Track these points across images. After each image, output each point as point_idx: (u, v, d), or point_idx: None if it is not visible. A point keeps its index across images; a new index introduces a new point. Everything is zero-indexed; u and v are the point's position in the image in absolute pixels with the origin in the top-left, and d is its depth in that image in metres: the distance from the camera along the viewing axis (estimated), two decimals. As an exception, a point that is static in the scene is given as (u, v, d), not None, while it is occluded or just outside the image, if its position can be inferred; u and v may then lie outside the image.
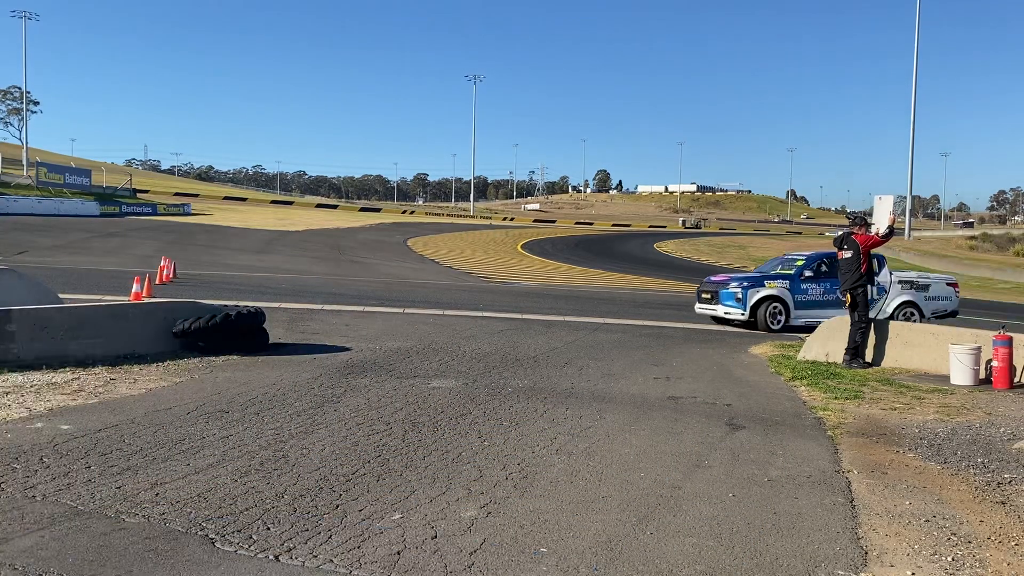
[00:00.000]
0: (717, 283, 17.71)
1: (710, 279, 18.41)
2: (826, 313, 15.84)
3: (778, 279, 16.84)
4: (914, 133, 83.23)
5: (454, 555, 4.54)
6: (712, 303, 17.31)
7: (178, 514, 5.04)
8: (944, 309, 17.69)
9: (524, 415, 8.05)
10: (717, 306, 17.11)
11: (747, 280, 17.09)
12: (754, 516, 5.32)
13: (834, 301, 15.88)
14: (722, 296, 16.99)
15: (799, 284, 16.78)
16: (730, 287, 16.99)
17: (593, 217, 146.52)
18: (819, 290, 16.90)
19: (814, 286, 16.89)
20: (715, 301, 17.18)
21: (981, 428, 7.99)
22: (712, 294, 17.37)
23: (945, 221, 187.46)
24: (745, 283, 16.88)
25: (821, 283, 16.89)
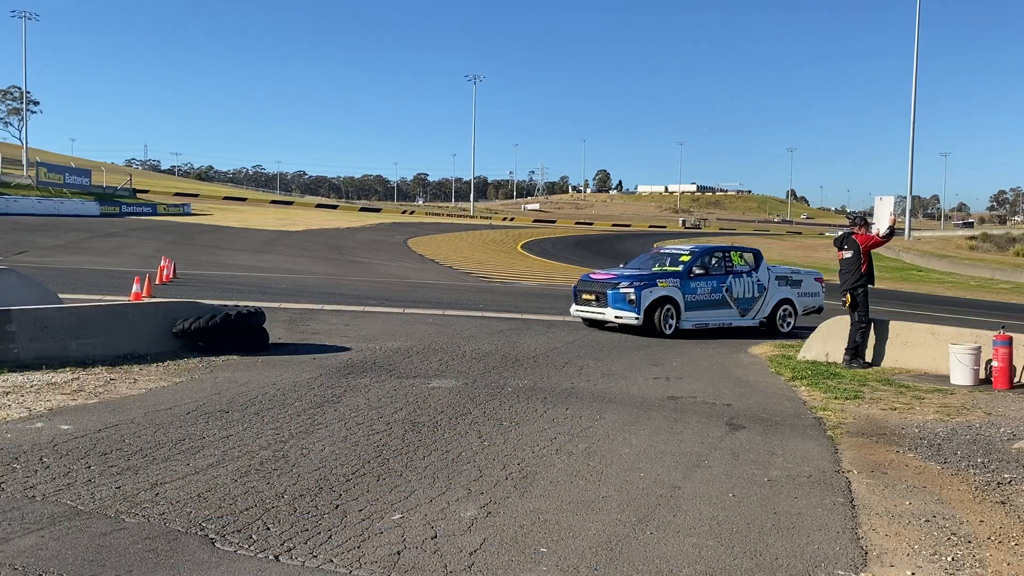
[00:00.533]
0: (602, 282, 15.38)
1: (590, 277, 16.07)
2: (715, 315, 15.39)
3: (668, 277, 15.14)
4: (914, 133, 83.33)
5: (454, 555, 4.54)
6: (597, 306, 15.11)
7: (178, 514, 5.04)
8: (813, 306, 16.91)
9: (524, 415, 8.05)
10: (604, 309, 14.96)
11: (638, 279, 15.03)
12: (754, 516, 5.32)
13: (720, 301, 15.39)
14: (611, 298, 14.84)
15: (689, 283, 15.18)
16: (621, 288, 14.82)
17: (593, 217, 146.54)
18: (707, 289, 15.39)
19: (702, 284, 15.35)
20: (602, 304, 15.02)
21: (981, 428, 7.99)
22: (597, 296, 15.15)
23: (945, 221, 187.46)
24: (637, 282, 14.85)
25: (708, 281, 15.43)
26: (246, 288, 20.37)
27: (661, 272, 15.50)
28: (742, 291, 15.78)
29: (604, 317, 15.04)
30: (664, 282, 14.95)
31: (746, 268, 16.03)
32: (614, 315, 14.82)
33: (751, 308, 15.94)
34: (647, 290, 14.76)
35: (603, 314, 15.02)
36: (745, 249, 16.78)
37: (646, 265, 16.36)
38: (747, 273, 15.95)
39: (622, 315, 14.72)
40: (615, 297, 14.82)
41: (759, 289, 15.88)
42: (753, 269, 16.10)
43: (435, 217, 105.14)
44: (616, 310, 14.77)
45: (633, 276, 15.25)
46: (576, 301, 15.71)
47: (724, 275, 15.64)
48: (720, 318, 15.58)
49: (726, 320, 15.64)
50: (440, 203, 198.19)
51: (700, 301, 15.29)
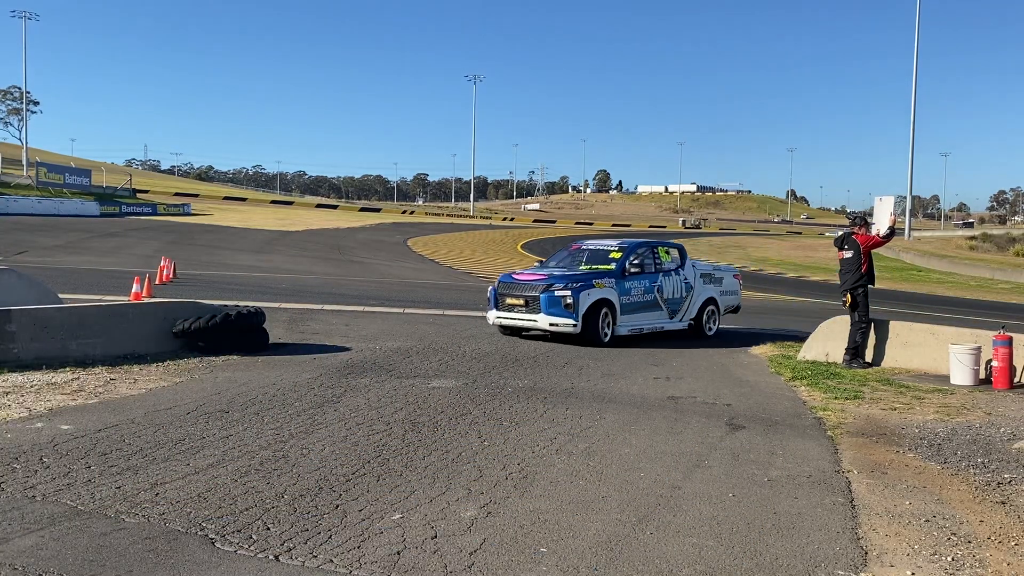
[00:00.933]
0: (532, 285, 13.39)
1: (514, 278, 13.92)
2: (647, 318, 14.08)
3: (603, 277, 13.50)
4: (914, 133, 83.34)
5: (454, 555, 4.54)
6: (527, 312, 13.18)
7: (178, 514, 5.04)
8: (732, 305, 15.99)
9: (524, 415, 8.05)
10: (536, 316, 13.04)
11: (574, 280, 13.24)
12: (754, 516, 5.32)
13: (652, 303, 14.09)
14: (544, 303, 12.96)
15: (623, 283, 13.65)
16: (555, 290, 12.98)
17: (593, 217, 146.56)
18: (640, 289, 13.95)
19: (636, 285, 13.85)
20: (532, 309, 13.09)
21: (981, 428, 7.99)
22: (527, 300, 13.20)
23: (945, 221, 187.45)
24: (573, 284, 13.08)
25: (641, 281, 13.95)
26: (246, 288, 20.37)
27: (594, 272, 13.75)
28: (671, 291, 14.52)
29: (536, 325, 13.16)
30: (600, 283, 13.30)
31: (673, 265, 14.81)
32: (548, 323, 12.98)
33: (680, 309, 14.74)
34: (585, 292, 13.02)
35: (535, 321, 13.12)
36: (670, 244, 15.47)
37: (570, 263, 14.56)
38: (675, 271, 14.72)
39: (558, 322, 12.92)
40: (549, 301, 12.97)
41: (686, 288, 14.73)
42: (680, 266, 14.88)
43: (435, 217, 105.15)
44: (551, 317, 12.93)
45: (567, 277, 13.43)
46: (497, 307, 13.63)
47: (655, 273, 14.32)
48: (653, 321, 14.30)
49: (658, 323, 14.38)
50: (440, 203, 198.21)
51: (634, 303, 13.87)
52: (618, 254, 14.15)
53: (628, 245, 14.50)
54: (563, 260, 14.93)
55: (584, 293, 12.98)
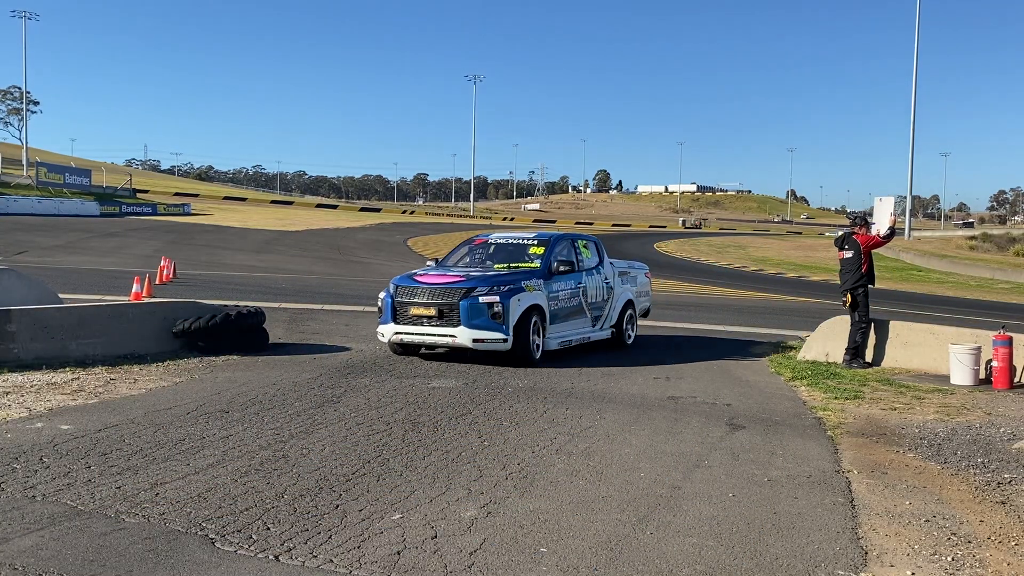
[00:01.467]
0: (445, 289, 10.75)
1: (416, 280, 11.11)
2: (574, 326, 12.01)
3: (531, 278, 11.13)
4: (914, 133, 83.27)
5: (454, 555, 4.54)
6: (441, 324, 10.59)
7: (178, 514, 5.04)
8: (645, 308, 14.39)
9: (524, 415, 8.05)
10: (455, 330, 10.49)
11: (498, 282, 10.81)
12: (754, 516, 5.32)
13: (578, 308, 12.03)
14: (466, 312, 10.43)
15: (551, 284, 11.44)
16: (479, 295, 10.52)
17: (593, 217, 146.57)
18: (567, 292, 11.75)
19: (563, 286, 11.68)
20: (449, 320, 10.53)
21: (981, 428, 7.99)
22: (441, 310, 10.57)
23: (945, 221, 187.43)
24: (500, 287, 10.68)
25: (567, 281, 11.77)
26: (246, 288, 20.37)
27: (516, 272, 11.43)
28: (594, 293, 12.49)
29: (453, 342, 10.61)
30: (530, 285, 10.98)
31: (593, 262, 12.79)
32: (472, 338, 10.45)
33: (602, 314, 12.77)
34: (515, 298, 10.60)
35: (452, 337, 10.55)
36: (587, 238, 13.38)
37: (478, 262, 12.15)
38: (595, 269, 12.72)
39: (484, 336, 10.44)
40: (471, 310, 10.44)
41: (608, 290, 12.82)
42: (599, 264, 12.93)
43: (435, 217, 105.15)
44: (475, 330, 10.43)
45: (490, 278, 10.92)
46: (395, 318, 10.87)
47: (578, 273, 12.17)
48: (580, 330, 12.20)
49: (584, 333, 12.30)
50: (440, 203, 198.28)
51: (563, 309, 11.69)
52: (540, 249, 11.85)
53: (549, 238, 12.32)
54: (467, 258, 12.48)
55: (514, 299, 10.58)
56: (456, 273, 11.30)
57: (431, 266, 12.26)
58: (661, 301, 23.44)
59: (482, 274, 11.21)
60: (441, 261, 12.56)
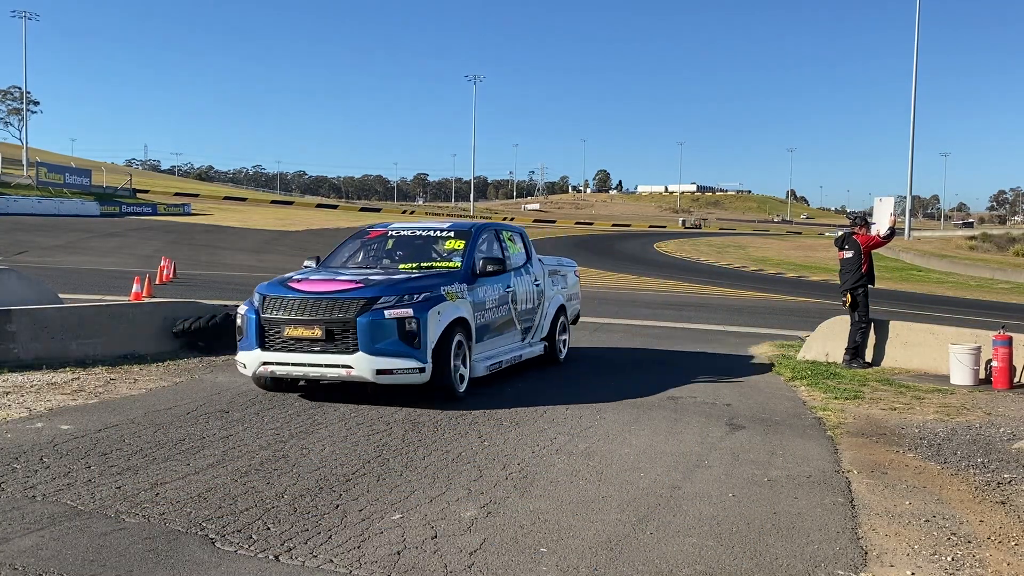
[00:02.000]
0: (333, 299, 8.00)
1: (293, 287, 8.30)
2: (504, 343, 9.70)
3: (451, 282, 8.59)
4: (914, 133, 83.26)
5: (454, 555, 4.54)
6: (329, 351, 7.89)
7: (178, 514, 5.05)
8: (576, 312, 12.30)
9: (524, 415, 8.05)
10: (350, 358, 7.80)
11: (409, 288, 8.19)
12: (754, 516, 5.32)
13: (507, 319, 9.67)
14: (365, 332, 7.77)
15: (476, 290, 8.97)
16: (385, 308, 7.89)
17: (593, 217, 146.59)
18: (495, 298, 9.36)
19: (490, 292, 9.27)
20: (340, 346, 7.86)
21: (981, 428, 7.99)
22: (329, 329, 7.86)
23: (945, 221, 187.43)
24: (413, 296, 8.07)
25: (494, 285, 9.37)
26: (246, 288, 20.34)
27: (430, 274, 8.77)
28: (525, 298, 10.16)
29: (349, 374, 7.84)
30: (451, 292, 8.45)
31: (521, 260, 10.44)
32: (375, 368, 7.76)
33: (533, 324, 10.46)
34: (434, 310, 8.04)
35: (348, 368, 7.79)
36: (512, 228, 11.02)
37: (375, 261, 9.57)
38: (524, 268, 10.37)
39: (393, 365, 7.78)
40: (376, 330, 7.75)
41: (538, 294, 10.56)
42: (528, 261, 10.60)
43: (435, 217, 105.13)
44: (380, 358, 7.76)
45: (396, 284, 8.24)
46: (262, 342, 8.04)
47: (507, 273, 9.72)
48: (510, 347, 9.90)
49: (515, 351, 9.96)
50: (440, 203, 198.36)
51: (492, 321, 9.31)
52: (458, 243, 9.41)
53: (470, 229, 9.74)
54: (360, 256, 9.71)
55: (433, 312, 8.01)
56: (349, 277, 8.50)
57: (311, 267, 9.43)
58: (659, 301, 23.45)
59: (387, 278, 8.44)
60: (324, 261, 9.65)
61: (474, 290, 8.94)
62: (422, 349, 7.94)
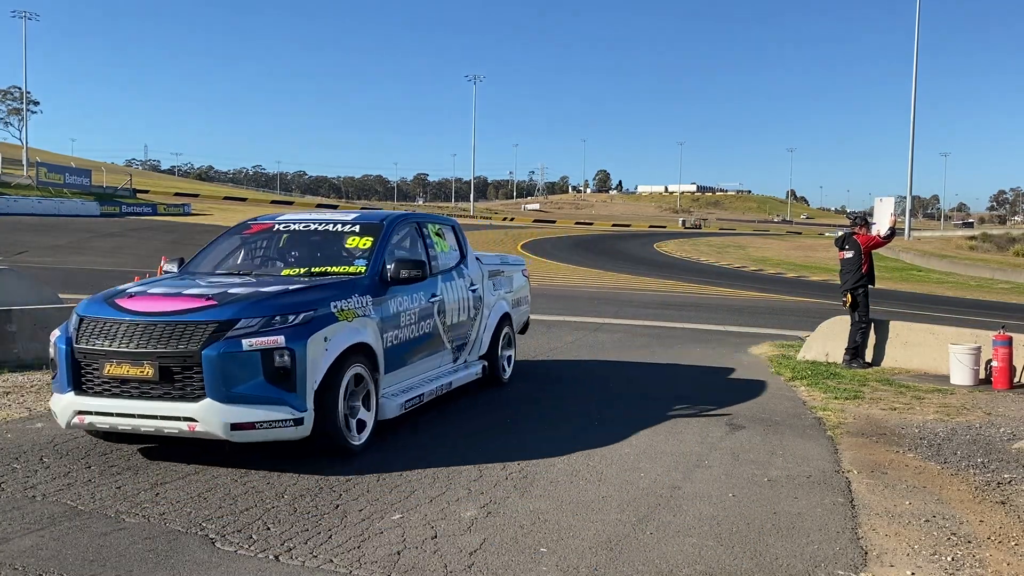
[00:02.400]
0: (170, 323, 5.77)
1: (122, 307, 5.99)
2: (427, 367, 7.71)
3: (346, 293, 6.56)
4: (914, 133, 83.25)
5: (454, 555, 4.54)
6: (161, 396, 5.73)
7: (178, 514, 5.05)
8: (524, 320, 10.59)
9: (524, 414, 8.04)
10: (194, 407, 5.66)
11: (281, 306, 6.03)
12: (754, 516, 5.32)
13: (431, 337, 7.65)
14: (213, 367, 5.62)
15: (387, 301, 6.99)
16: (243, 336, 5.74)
17: (593, 217, 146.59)
18: (412, 313, 7.34)
19: (408, 303, 7.29)
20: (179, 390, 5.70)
21: (981, 428, 8.00)
22: (163, 367, 5.69)
23: (945, 221, 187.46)
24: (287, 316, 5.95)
25: (413, 296, 7.36)
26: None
27: (319, 283, 6.65)
28: (456, 309, 8.21)
29: (193, 429, 5.73)
30: (345, 308, 6.40)
31: (453, 259, 8.55)
32: (228, 421, 5.69)
33: (468, 341, 8.59)
34: (316, 337, 5.97)
35: (190, 421, 5.71)
36: (442, 220, 8.93)
37: (250, 263, 7.53)
38: (456, 270, 8.47)
39: (255, 417, 5.72)
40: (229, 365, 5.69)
41: (475, 301, 8.65)
42: (462, 261, 8.69)
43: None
44: (234, 406, 5.70)
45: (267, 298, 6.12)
46: (75, 384, 5.93)
47: (432, 278, 7.75)
48: (436, 375, 7.94)
49: (443, 377, 7.99)
50: (440, 203, 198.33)
51: (408, 344, 7.27)
52: (365, 240, 7.26)
53: (381, 221, 7.57)
54: (237, 257, 7.58)
55: (316, 338, 5.93)
56: (201, 291, 6.22)
57: (171, 273, 7.38)
58: (659, 301, 23.46)
59: (253, 291, 6.18)
60: (187, 264, 7.52)
61: (384, 303, 6.80)
62: (299, 392, 5.68)
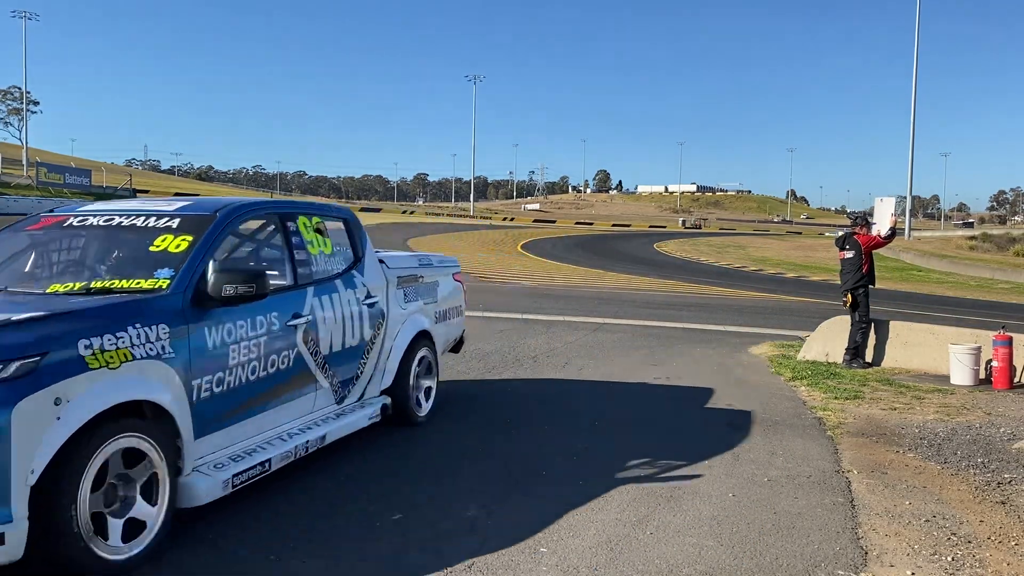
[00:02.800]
0: None
1: None
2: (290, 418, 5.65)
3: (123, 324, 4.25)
4: (914, 133, 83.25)
5: (454, 555, 4.54)
6: None
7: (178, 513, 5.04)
8: (455, 336, 8.54)
9: (524, 414, 8.04)
10: None
11: None
12: (754, 516, 5.32)
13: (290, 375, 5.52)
14: None
15: (207, 328, 4.80)
16: None
17: (593, 217, 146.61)
18: (256, 340, 5.16)
19: (245, 329, 5.08)
20: None
21: (981, 428, 8.00)
22: None
23: (945, 221, 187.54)
24: None
25: (258, 316, 5.20)
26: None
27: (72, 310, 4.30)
28: (340, 330, 6.17)
29: None
30: (106, 348, 4.12)
31: (339, 264, 6.50)
32: None
33: (359, 373, 6.52)
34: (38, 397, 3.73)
35: None
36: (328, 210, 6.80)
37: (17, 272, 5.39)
38: (345, 277, 6.44)
39: None
40: None
41: (373, 319, 6.64)
42: (356, 264, 6.68)
43: (435, 217, 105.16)
44: None
45: None
46: None
47: (297, 291, 5.79)
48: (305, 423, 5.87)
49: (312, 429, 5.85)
50: (440, 203, 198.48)
51: (241, 390, 5.07)
52: (179, 242, 5.12)
53: (213, 211, 5.47)
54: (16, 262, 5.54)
55: (30, 403, 3.71)
56: None
57: None
58: (659, 301, 23.46)
59: None
60: None
61: (196, 334, 4.71)
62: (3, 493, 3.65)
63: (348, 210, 7.11)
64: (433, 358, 7.71)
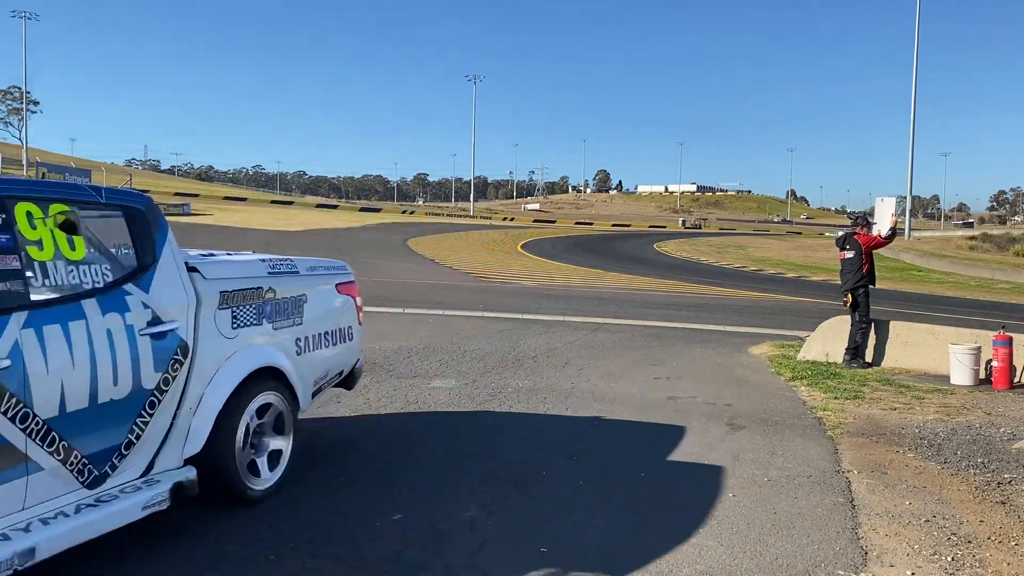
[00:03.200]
0: None
1: None
2: None
3: None
4: (914, 133, 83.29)
5: (454, 555, 4.54)
6: None
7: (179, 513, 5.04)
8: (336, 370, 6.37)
9: (524, 415, 8.05)
10: None
11: None
12: (754, 516, 5.32)
13: None
14: None
15: None
16: None
17: (593, 217, 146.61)
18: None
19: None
20: None
21: (981, 428, 8.00)
22: None
23: (945, 221, 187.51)
24: None
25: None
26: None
27: None
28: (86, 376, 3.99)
29: None
30: None
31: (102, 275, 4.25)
32: None
33: (131, 440, 4.30)
34: None
35: None
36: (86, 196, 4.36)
37: None
38: (99, 296, 4.16)
39: None
40: None
41: (159, 354, 4.45)
42: (132, 276, 4.45)
43: (435, 217, 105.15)
44: None
45: None
46: None
47: None
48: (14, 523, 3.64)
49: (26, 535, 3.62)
50: (440, 203, 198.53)
51: None
52: None
53: None
54: None
55: None
56: None
57: None
58: (659, 301, 23.46)
59: None
60: None
61: None
62: None
63: (135, 195, 4.83)
64: (286, 406, 5.46)
